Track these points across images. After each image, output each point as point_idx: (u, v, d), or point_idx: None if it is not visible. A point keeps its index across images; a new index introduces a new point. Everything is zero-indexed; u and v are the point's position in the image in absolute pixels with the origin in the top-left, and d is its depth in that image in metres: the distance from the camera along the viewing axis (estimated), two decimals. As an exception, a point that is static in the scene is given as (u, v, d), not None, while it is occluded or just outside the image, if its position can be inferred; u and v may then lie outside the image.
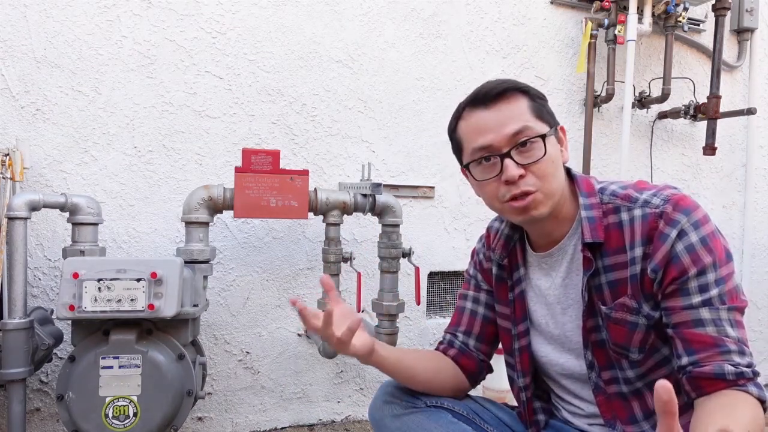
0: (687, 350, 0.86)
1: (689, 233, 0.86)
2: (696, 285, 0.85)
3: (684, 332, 0.86)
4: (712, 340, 0.84)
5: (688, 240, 0.86)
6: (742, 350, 0.84)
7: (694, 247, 0.86)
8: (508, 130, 0.91)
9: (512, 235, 1.09)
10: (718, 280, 0.85)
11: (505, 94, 0.93)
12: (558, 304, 1.02)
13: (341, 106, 2.16)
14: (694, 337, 0.85)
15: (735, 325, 0.85)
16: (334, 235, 1.88)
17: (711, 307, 0.84)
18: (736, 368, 0.82)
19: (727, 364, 0.82)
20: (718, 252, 0.86)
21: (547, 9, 2.44)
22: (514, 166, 0.91)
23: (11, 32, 1.81)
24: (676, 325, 0.87)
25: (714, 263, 0.85)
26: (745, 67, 2.77)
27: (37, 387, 1.88)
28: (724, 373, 0.82)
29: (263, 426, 2.13)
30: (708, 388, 0.83)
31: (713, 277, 0.85)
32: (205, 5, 1.99)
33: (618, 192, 0.96)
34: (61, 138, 1.86)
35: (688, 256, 0.86)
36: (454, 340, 1.17)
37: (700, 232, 0.86)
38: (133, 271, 1.47)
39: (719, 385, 0.82)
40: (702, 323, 0.85)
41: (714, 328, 0.84)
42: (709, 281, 0.85)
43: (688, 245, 0.86)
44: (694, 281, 0.85)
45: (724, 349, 0.83)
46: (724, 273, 0.86)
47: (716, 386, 0.83)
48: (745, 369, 0.82)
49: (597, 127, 2.50)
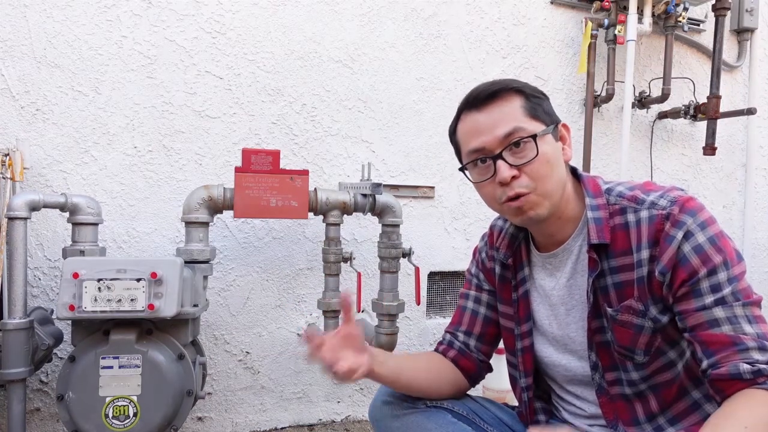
0: (705, 352, 0.84)
1: (695, 234, 0.85)
2: (708, 285, 0.84)
3: (700, 335, 0.84)
4: (728, 339, 0.82)
5: (695, 240, 0.85)
6: (763, 345, 0.81)
7: (702, 247, 0.84)
8: (499, 131, 0.91)
9: (517, 235, 1.08)
10: (730, 278, 0.83)
11: (498, 95, 0.92)
12: (562, 304, 1.02)
13: (341, 106, 2.16)
14: (711, 338, 0.83)
15: (753, 321, 0.82)
16: (334, 235, 1.88)
17: (725, 306, 0.82)
18: (752, 366, 0.80)
19: (743, 363, 0.80)
20: (728, 251, 0.85)
21: (547, 9, 2.44)
22: (507, 168, 0.90)
23: (11, 32, 1.81)
24: (693, 328, 0.85)
25: (725, 262, 0.84)
26: (745, 67, 2.77)
27: (37, 387, 1.88)
28: (740, 373, 0.80)
29: (263, 426, 2.13)
30: (728, 390, 0.82)
31: (725, 276, 0.83)
32: (205, 5, 1.99)
33: (625, 193, 0.94)
34: (61, 138, 1.86)
35: (696, 256, 0.84)
36: (454, 341, 1.17)
37: (707, 232, 0.85)
38: (133, 271, 1.47)
39: (738, 385, 0.81)
40: (717, 323, 0.83)
41: (730, 327, 0.82)
42: (721, 280, 0.83)
43: (695, 246, 0.85)
44: (705, 281, 0.84)
45: (742, 347, 0.81)
46: (737, 272, 0.84)
47: (735, 387, 0.81)
48: (764, 366, 0.80)
49: (597, 127, 2.50)
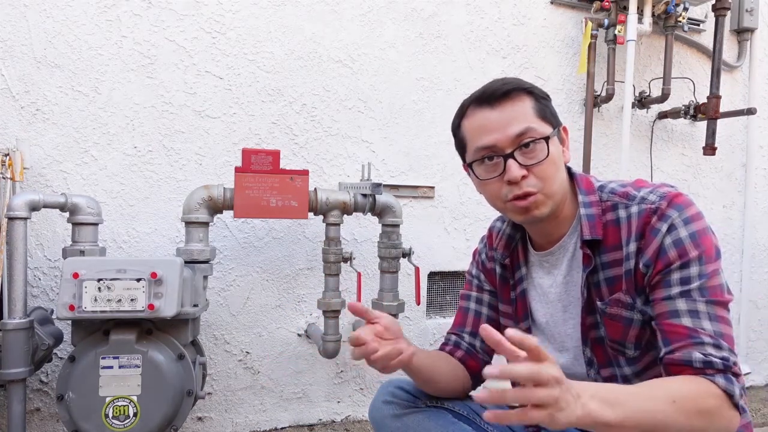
0: (664, 341, 0.86)
1: (678, 228, 0.87)
2: (678, 277, 0.86)
3: (662, 323, 0.86)
4: (686, 331, 0.83)
5: (677, 234, 0.87)
6: (718, 344, 0.82)
7: (682, 241, 0.86)
8: (512, 130, 0.91)
9: (514, 235, 1.10)
10: (701, 274, 0.85)
11: (511, 94, 0.93)
12: (559, 302, 1.03)
13: (341, 106, 2.16)
14: (670, 328, 0.85)
15: (715, 319, 0.83)
16: (334, 235, 1.88)
17: (688, 299, 0.84)
18: (705, 357, 0.80)
19: (696, 352, 0.81)
20: (706, 247, 0.86)
21: (547, 9, 2.44)
22: (517, 167, 0.91)
23: (11, 32, 1.81)
24: (657, 317, 0.88)
25: (699, 257, 0.85)
26: (745, 67, 2.77)
27: (37, 387, 1.88)
28: (691, 361, 0.81)
29: (263, 426, 2.13)
30: (677, 374, 0.82)
31: (696, 270, 0.85)
32: (205, 5, 1.99)
33: (617, 190, 0.97)
34: (61, 138, 1.86)
35: (675, 249, 0.86)
36: (460, 342, 1.17)
37: (690, 227, 0.87)
38: (133, 271, 1.47)
39: (687, 371, 0.81)
40: (678, 314, 0.84)
41: (689, 320, 0.83)
42: (692, 274, 0.85)
43: (676, 239, 0.87)
44: (676, 273, 0.86)
45: (697, 341, 0.82)
46: (710, 269, 0.86)
47: (683, 372, 0.82)
48: (716, 360, 0.80)
49: (597, 127, 2.50)
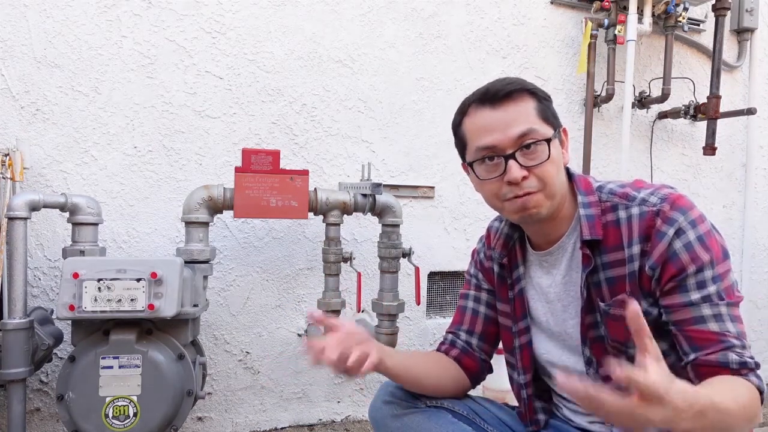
0: (692, 347, 0.87)
1: (687, 231, 0.87)
2: (694, 282, 0.87)
3: (687, 330, 0.87)
4: (715, 336, 0.85)
5: (686, 238, 0.87)
6: (743, 344, 0.86)
7: (692, 245, 0.87)
8: (514, 131, 0.91)
9: (512, 234, 1.10)
10: (715, 277, 0.87)
11: (513, 94, 0.93)
12: (559, 301, 1.03)
13: (341, 106, 2.16)
14: (698, 334, 0.86)
15: (735, 320, 0.86)
16: (334, 235, 1.88)
17: (711, 304, 0.86)
18: (740, 357, 0.84)
19: (732, 354, 0.84)
20: (714, 250, 0.88)
21: (547, 9, 2.44)
22: (518, 168, 0.91)
23: (11, 32, 1.81)
24: (678, 323, 0.88)
25: (711, 261, 0.87)
26: (745, 67, 2.77)
27: (37, 387, 1.88)
28: (728, 362, 0.84)
29: (263, 426, 2.13)
30: (712, 375, 0.85)
31: (710, 274, 0.87)
32: (205, 5, 1.99)
33: (616, 190, 0.97)
34: (61, 138, 1.86)
35: (686, 253, 0.87)
36: (456, 340, 1.17)
37: (698, 230, 0.88)
38: (133, 271, 1.47)
39: (723, 372, 0.84)
40: (704, 320, 0.86)
41: (716, 324, 0.86)
42: (707, 278, 0.87)
43: (686, 243, 0.87)
44: (692, 278, 0.87)
45: (727, 344, 0.85)
46: (721, 270, 0.88)
47: (720, 373, 0.84)
48: (749, 359, 0.84)
49: (597, 127, 2.50)
